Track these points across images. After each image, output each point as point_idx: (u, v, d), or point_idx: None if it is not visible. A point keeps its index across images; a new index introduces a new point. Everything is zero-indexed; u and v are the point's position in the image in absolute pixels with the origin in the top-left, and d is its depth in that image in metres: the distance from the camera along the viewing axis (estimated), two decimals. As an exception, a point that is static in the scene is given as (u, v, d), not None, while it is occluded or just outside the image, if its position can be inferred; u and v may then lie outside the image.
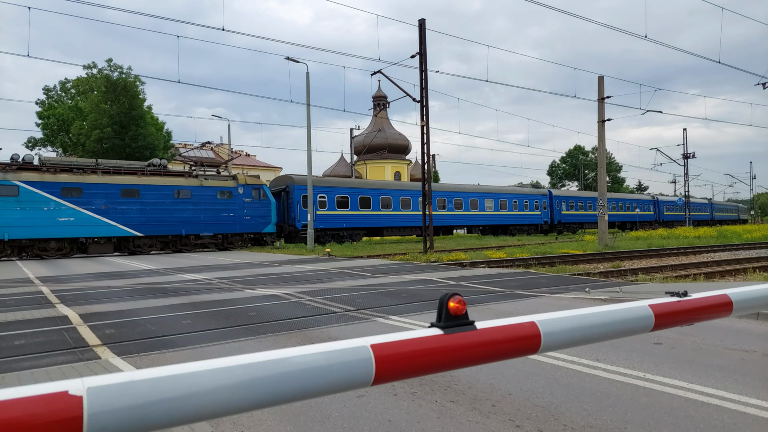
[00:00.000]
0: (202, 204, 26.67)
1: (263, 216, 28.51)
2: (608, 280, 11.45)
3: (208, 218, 26.82)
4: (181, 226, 26.09)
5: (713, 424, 3.24)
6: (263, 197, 28.57)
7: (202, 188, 26.82)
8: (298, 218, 30.02)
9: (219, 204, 27.19)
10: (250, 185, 28.27)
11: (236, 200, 27.64)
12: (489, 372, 4.36)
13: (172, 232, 25.95)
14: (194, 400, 0.91)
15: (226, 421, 3.43)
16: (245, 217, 27.83)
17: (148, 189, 25.24)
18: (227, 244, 27.67)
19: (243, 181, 28.12)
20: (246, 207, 27.89)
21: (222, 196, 27.37)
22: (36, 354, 5.40)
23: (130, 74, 36.97)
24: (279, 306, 8.25)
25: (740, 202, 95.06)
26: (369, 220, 33.43)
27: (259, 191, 28.46)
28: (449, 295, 1.24)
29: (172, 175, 26.74)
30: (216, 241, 27.38)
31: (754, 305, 1.89)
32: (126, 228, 24.60)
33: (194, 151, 56.85)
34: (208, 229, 26.87)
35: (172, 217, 25.81)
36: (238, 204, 27.67)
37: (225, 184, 27.62)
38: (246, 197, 27.95)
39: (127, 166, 25.94)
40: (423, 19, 22.77)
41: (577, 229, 49.58)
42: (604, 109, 25.26)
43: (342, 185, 33.15)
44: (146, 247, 25.56)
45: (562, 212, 47.29)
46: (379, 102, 62.46)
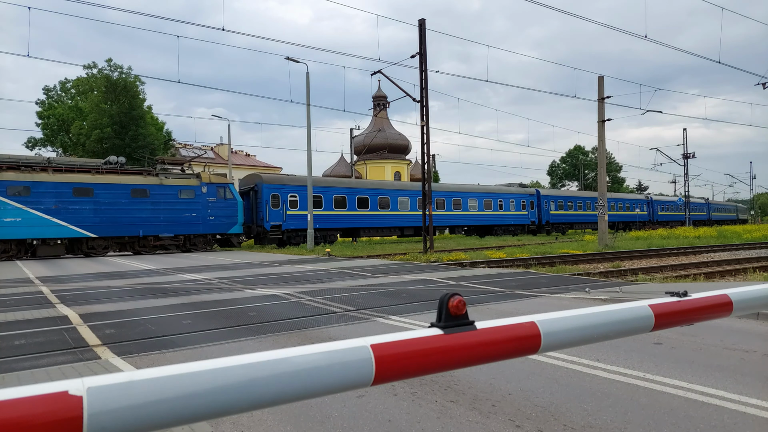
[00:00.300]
0: (161, 204, 25.64)
1: (228, 216, 27.54)
2: (608, 280, 11.45)
3: (168, 218, 25.76)
4: (138, 227, 25.03)
5: (713, 424, 3.24)
6: (229, 196, 27.59)
7: (161, 187, 25.74)
8: (266, 218, 28.75)
9: (180, 204, 26.15)
10: (214, 184, 27.21)
11: (199, 199, 26.65)
12: (489, 372, 4.36)
13: (129, 233, 24.90)
14: (194, 400, 0.91)
15: (226, 421, 3.43)
16: (209, 217, 26.86)
17: (103, 188, 24.22)
18: (190, 246, 26.69)
19: (207, 180, 27.11)
20: (210, 207, 26.88)
21: (183, 195, 26.33)
22: (36, 354, 5.41)
23: (130, 74, 37.00)
24: (279, 306, 8.25)
25: (740, 202, 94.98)
26: (345, 220, 32.28)
27: (224, 190, 27.45)
28: (449, 295, 1.24)
29: (129, 174, 25.71)
30: (177, 243, 26.36)
31: (754, 305, 1.89)
32: (78, 229, 23.53)
33: (194, 152, 56.86)
34: (168, 229, 25.80)
35: (129, 217, 24.75)
36: (201, 203, 26.70)
37: (187, 182, 26.61)
38: (210, 196, 26.94)
39: (81, 163, 24.87)
40: (423, 19, 22.78)
41: (567, 229, 48.40)
42: (604, 109, 25.26)
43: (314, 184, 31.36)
44: (101, 248, 24.49)
45: (550, 212, 46.09)
46: (379, 102, 62.42)
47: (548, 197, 46.57)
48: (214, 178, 27.60)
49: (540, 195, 45.79)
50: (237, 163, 53.12)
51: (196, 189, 26.62)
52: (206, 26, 55.03)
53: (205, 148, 57.75)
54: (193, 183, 26.73)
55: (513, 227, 42.86)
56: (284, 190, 29.42)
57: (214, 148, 59.05)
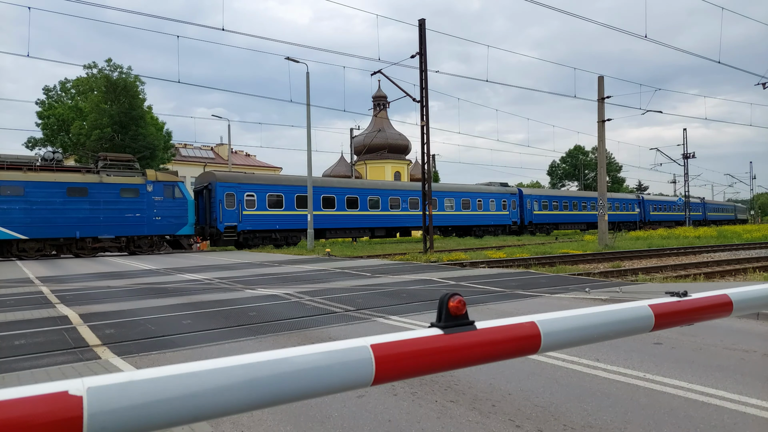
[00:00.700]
0: (101, 203, 24.07)
1: (177, 216, 25.96)
2: (608, 280, 11.45)
3: (109, 219, 24.18)
4: (75, 228, 23.43)
5: (713, 424, 3.24)
6: (178, 195, 26.00)
7: (101, 185, 24.13)
8: (220, 219, 27.04)
9: (123, 203, 24.59)
10: (161, 182, 25.63)
11: (144, 198, 25.09)
12: (489, 372, 4.36)
13: (65, 234, 23.31)
14: (194, 400, 0.91)
15: (226, 421, 3.43)
16: (155, 217, 25.33)
17: (35, 186, 22.67)
18: (134, 248, 25.25)
19: (153, 178, 25.53)
20: (156, 206, 25.35)
21: (126, 194, 24.73)
22: (36, 354, 5.41)
23: (130, 74, 36.97)
24: (279, 306, 8.25)
25: (739, 202, 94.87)
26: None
27: (172, 189, 25.88)
28: (449, 295, 1.24)
29: (66, 171, 24.12)
30: (119, 245, 24.86)
31: (754, 305, 1.89)
32: (6, 230, 22.09)
33: (194, 152, 56.82)
34: (108, 230, 24.26)
35: (64, 217, 23.15)
36: (147, 203, 25.14)
37: (130, 180, 24.97)
38: (156, 195, 25.40)
39: (12, 160, 23.25)
40: (423, 19, 22.78)
41: (552, 229, 46.52)
42: (604, 109, 25.27)
43: (275, 182, 30.11)
44: (33, 251, 23.00)
45: (533, 212, 44.26)
46: (379, 102, 62.46)
47: (531, 197, 44.81)
48: (162, 176, 26.14)
49: (522, 194, 44.04)
50: (237, 163, 53.14)
51: (141, 187, 25.08)
52: (206, 26, 55.07)
53: (204, 148, 57.84)
54: (138, 181, 25.14)
55: (493, 228, 41.15)
56: (240, 188, 27.89)
57: (214, 148, 59.08)
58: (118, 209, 24.54)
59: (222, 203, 27.17)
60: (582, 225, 50.03)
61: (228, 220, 27.23)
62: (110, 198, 24.35)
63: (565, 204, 47.69)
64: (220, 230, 27.02)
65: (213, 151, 59.14)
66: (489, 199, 40.69)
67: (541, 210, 45.11)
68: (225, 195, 27.35)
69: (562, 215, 47.11)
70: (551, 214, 46.08)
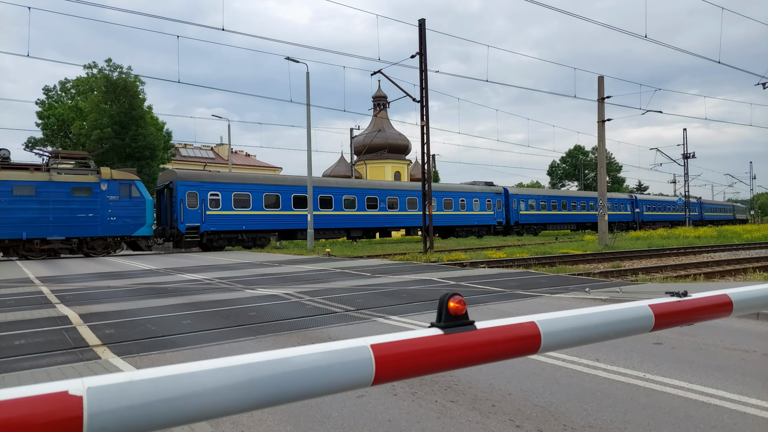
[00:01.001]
0: (51, 202, 22.76)
1: (134, 216, 24.75)
2: (608, 280, 11.45)
3: (58, 219, 22.88)
4: (21, 229, 22.15)
5: (713, 424, 3.24)
6: (135, 195, 24.76)
7: (50, 184, 22.81)
8: (181, 219, 25.66)
9: (74, 202, 23.27)
10: (116, 180, 24.35)
11: (98, 198, 23.80)
12: (489, 372, 4.36)
13: (10, 235, 22.06)
14: (194, 400, 0.91)
15: (226, 421, 3.43)
16: (109, 217, 24.04)
17: None
18: (87, 250, 23.91)
19: (108, 176, 24.25)
20: (111, 206, 24.06)
21: (78, 193, 23.41)
22: (36, 354, 5.40)
23: (130, 74, 36.96)
24: (279, 306, 8.25)
25: (739, 202, 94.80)
26: (279, 221, 29.30)
27: (128, 187, 24.61)
28: (449, 295, 1.24)
29: (13, 169, 22.82)
30: (70, 246, 23.51)
31: (754, 305, 1.89)
32: None
33: (194, 152, 56.82)
34: (58, 231, 22.96)
35: (10, 218, 21.96)
36: (101, 202, 23.85)
37: (83, 179, 23.66)
38: (111, 194, 24.12)
39: None
40: (423, 19, 22.79)
41: (539, 230, 45.01)
42: (604, 109, 25.27)
43: (242, 181, 28.80)
44: None
45: (520, 212, 42.88)
46: (379, 102, 62.48)
47: (517, 196, 43.42)
48: (117, 174, 24.84)
49: (508, 194, 42.67)
50: (237, 163, 53.16)
51: (94, 186, 23.79)
52: (206, 26, 55.07)
53: (204, 148, 57.87)
54: (91, 179, 23.82)
55: (477, 228, 39.66)
56: (203, 187, 26.61)
57: (214, 148, 59.11)
58: (69, 209, 23.25)
59: (183, 203, 25.94)
60: (572, 225, 48.93)
61: (190, 220, 25.98)
62: (60, 197, 23.04)
63: (553, 204, 46.40)
64: (181, 231, 25.77)
65: (213, 151, 59.17)
66: (473, 199, 39.49)
67: (528, 210, 43.88)
68: (186, 194, 26.07)
69: (550, 215, 45.87)
70: (539, 214, 44.85)
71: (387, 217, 34.45)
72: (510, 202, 42.40)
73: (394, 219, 35.10)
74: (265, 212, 28.78)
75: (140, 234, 25.17)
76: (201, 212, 26.43)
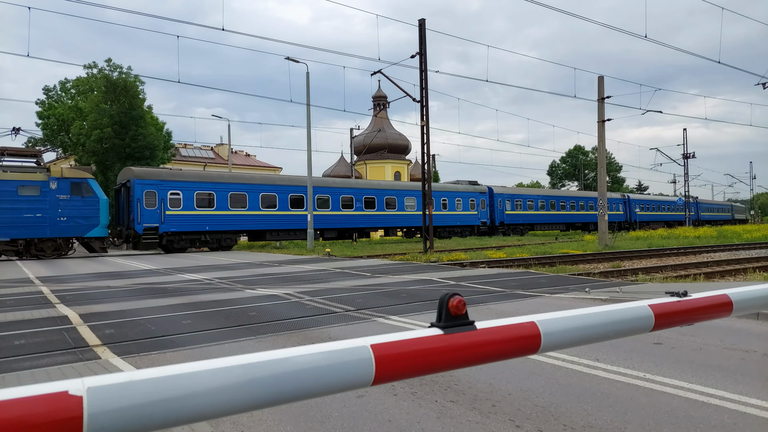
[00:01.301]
0: None
1: (87, 216, 23.45)
2: (608, 280, 11.45)
3: (3, 219, 21.69)
4: None
5: (713, 424, 3.24)
6: (88, 194, 23.50)
7: None
8: (138, 220, 24.40)
9: (21, 202, 22.00)
10: (68, 179, 23.03)
11: (47, 197, 22.50)
12: (489, 372, 4.36)
13: None
14: (194, 400, 0.91)
15: (226, 421, 3.43)
16: (59, 218, 22.75)
17: None
18: (35, 252, 22.58)
19: (58, 174, 22.97)
20: (61, 205, 22.76)
21: (25, 191, 22.15)
22: (36, 354, 5.40)
23: (130, 74, 36.96)
24: (279, 306, 8.25)
25: (738, 202, 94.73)
26: (245, 221, 28.00)
27: (81, 186, 23.30)
28: (449, 295, 1.24)
29: None
30: (16, 248, 22.20)
31: (754, 305, 1.89)
32: None
33: (194, 152, 56.80)
34: (2, 233, 21.72)
35: None
36: (50, 202, 22.55)
37: (30, 177, 22.42)
38: (61, 193, 22.82)
39: None
40: (423, 19, 22.79)
41: (526, 230, 43.64)
42: (604, 109, 25.27)
43: (205, 180, 27.52)
44: None
45: (505, 212, 41.66)
46: (379, 102, 62.48)
47: (503, 196, 42.06)
48: (69, 172, 23.60)
49: (493, 193, 41.28)
50: (237, 163, 53.16)
51: (43, 185, 22.48)
52: (206, 26, 55.09)
53: (204, 148, 57.85)
54: (39, 178, 22.53)
55: (459, 228, 38.29)
56: (163, 186, 25.37)
57: (214, 148, 59.08)
58: (15, 209, 21.98)
59: (140, 202, 24.59)
60: (561, 225, 47.91)
61: (147, 220, 24.70)
62: (5, 196, 21.85)
63: (541, 204, 45.20)
64: (138, 232, 24.57)
65: (213, 151, 59.16)
66: (455, 199, 38.08)
67: (513, 210, 42.68)
68: (144, 193, 24.77)
69: (538, 215, 44.72)
70: (525, 214, 43.64)
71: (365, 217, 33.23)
72: (495, 201, 41.31)
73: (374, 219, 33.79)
74: (231, 212, 27.48)
75: (93, 235, 23.91)
76: (160, 212, 25.19)
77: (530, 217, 44.19)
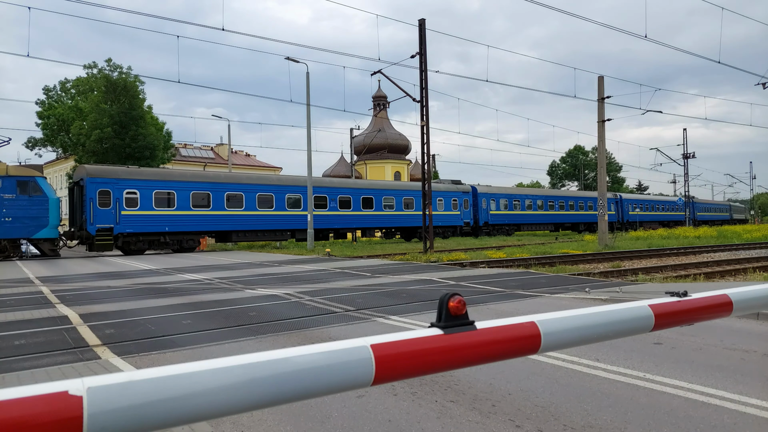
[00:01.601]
0: None
1: (34, 217, 22.34)
2: (608, 280, 11.45)
3: None
4: None
5: (713, 424, 3.24)
6: (35, 193, 22.41)
7: None
8: (91, 220, 23.10)
9: None
10: (12, 177, 21.92)
11: None
12: (489, 372, 4.36)
13: None
14: (194, 400, 0.91)
15: (226, 421, 3.43)
16: (4, 218, 21.74)
17: None
18: None
19: (3, 172, 21.94)
20: (6, 205, 21.72)
21: None
22: (36, 354, 5.40)
23: (130, 74, 36.95)
24: (279, 306, 8.25)
25: (738, 202, 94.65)
26: (209, 222, 26.58)
27: (27, 185, 22.19)
28: (449, 295, 1.24)
29: None
30: None
31: (754, 305, 1.89)
32: None
33: (194, 152, 56.79)
34: None
35: None
36: None
37: None
38: (6, 192, 21.78)
39: None
40: (423, 19, 22.79)
41: (513, 231, 42.43)
42: (604, 109, 25.27)
43: (164, 178, 26.03)
44: None
45: (490, 212, 40.33)
46: (379, 102, 62.51)
47: (487, 195, 40.58)
48: (15, 170, 22.53)
49: (477, 193, 39.82)
50: (237, 163, 53.16)
51: None
52: (206, 26, 55.07)
53: (205, 148, 57.87)
54: None
55: (441, 229, 36.72)
56: (118, 185, 23.99)
57: (214, 148, 59.10)
58: None
59: (93, 202, 23.28)
60: (549, 226, 46.75)
61: (101, 221, 23.37)
62: None
63: (528, 203, 43.76)
64: (91, 233, 23.29)
65: (213, 151, 59.17)
66: (436, 198, 36.58)
67: (499, 210, 41.28)
68: (97, 192, 23.42)
69: (525, 215, 43.28)
70: (511, 215, 42.23)
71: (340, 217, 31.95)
72: (479, 201, 39.90)
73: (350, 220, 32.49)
74: (193, 212, 26.08)
75: (42, 236, 22.80)
76: (115, 212, 23.82)
77: (517, 218, 42.92)
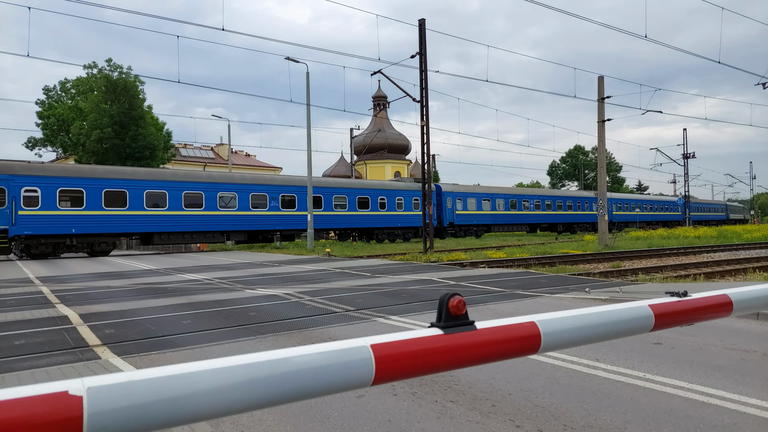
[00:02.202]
0: None
1: None
2: (608, 280, 11.45)
3: None
4: None
5: (713, 424, 3.24)
6: None
7: None
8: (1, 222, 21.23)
9: None
10: None
11: None
12: (489, 372, 4.36)
13: None
14: (194, 400, 0.91)
15: (226, 421, 3.43)
16: None
17: None
18: None
19: None
20: None
21: None
22: (36, 354, 5.40)
23: (130, 74, 36.94)
24: (279, 306, 8.25)
25: (737, 201, 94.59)
26: (125, 223, 24.16)
27: None
28: (449, 295, 1.24)
29: None
30: None
31: (754, 305, 1.89)
32: None
33: (194, 152, 56.78)
34: None
35: None
36: None
37: None
38: None
39: None
40: (423, 19, 22.79)
41: (482, 232, 40.09)
42: (604, 109, 25.26)
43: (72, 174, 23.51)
44: None
45: (455, 212, 37.79)
46: (379, 102, 62.55)
47: (453, 194, 37.88)
48: None
49: (441, 192, 37.08)
50: (237, 163, 53.14)
51: None
52: (206, 26, 55.10)
53: (204, 148, 57.85)
54: None
55: (400, 230, 34.87)
56: (14, 182, 21.53)
57: (214, 148, 59.07)
58: None
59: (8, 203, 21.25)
60: (524, 227, 44.55)
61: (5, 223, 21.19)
62: None
63: (499, 203, 41.31)
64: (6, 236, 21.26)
65: (213, 151, 59.15)
66: (395, 198, 34.38)
67: (466, 209, 38.69)
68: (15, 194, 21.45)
69: (496, 215, 41.03)
70: (480, 215, 39.75)
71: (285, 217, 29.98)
72: (444, 200, 37.10)
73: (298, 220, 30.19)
74: (107, 212, 23.64)
75: None
76: (10, 212, 21.41)
77: (487, 218, 40.52)
